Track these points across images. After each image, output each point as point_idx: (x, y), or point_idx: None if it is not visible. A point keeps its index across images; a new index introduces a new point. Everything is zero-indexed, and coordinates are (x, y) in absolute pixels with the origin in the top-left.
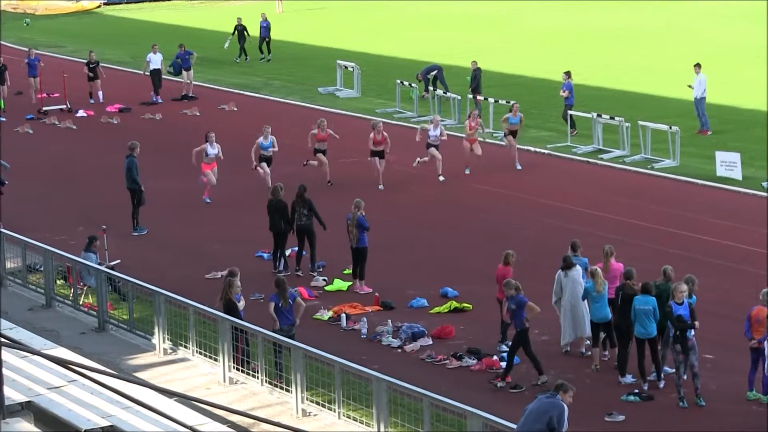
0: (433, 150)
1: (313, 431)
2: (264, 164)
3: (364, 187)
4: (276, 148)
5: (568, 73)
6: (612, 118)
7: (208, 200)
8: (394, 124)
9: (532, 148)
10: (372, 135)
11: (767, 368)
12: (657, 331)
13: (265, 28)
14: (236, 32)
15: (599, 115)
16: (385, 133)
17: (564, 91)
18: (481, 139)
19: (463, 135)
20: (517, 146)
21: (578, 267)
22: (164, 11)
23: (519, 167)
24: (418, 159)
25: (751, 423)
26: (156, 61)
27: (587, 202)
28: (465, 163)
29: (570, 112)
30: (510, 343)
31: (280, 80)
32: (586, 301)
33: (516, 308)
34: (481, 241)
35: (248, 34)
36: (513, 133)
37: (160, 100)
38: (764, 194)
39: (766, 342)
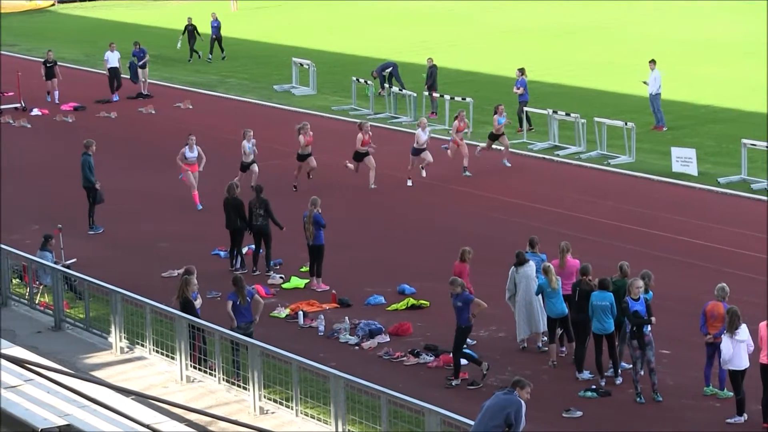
0: (425, 153)
1: (270, 429)
2: (254, 165)
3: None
4: (256, 150)
5: (521, 70)
6: (568, 114)
7: (200, 206)
8: (350, 121)
9: (485, 145)
10: (360, 136)
11: (723, 363)
12: (614, 327)
13: (216, 27)
14: (186, 32)
15: (555, 112)
16: (371, 133)
17: (518, 88)
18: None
19: (449, 137)
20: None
21: (531, 263)
22: (119, 9)
23: (508, 164)
24: (422, 166)
25: (708, 418)
26: (113, 59)
27: (544, 199)
28: (456, 163)
29: (526, 108)
30: (467, 341)
31: (235, 78)
32: (540, 296)
33: (462, 305)
34: (439, 238)
35: (198, 34)
36: (497, 136)
37: (116, 98)
38: (720, 190)
39: (724, 335)
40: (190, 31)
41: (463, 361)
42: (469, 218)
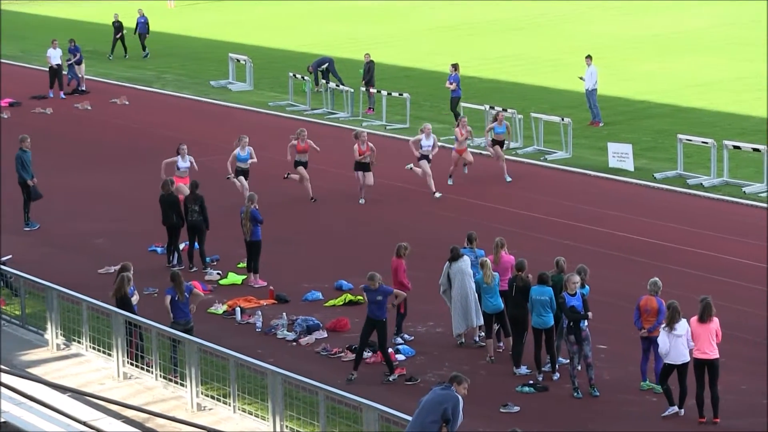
0: (423, 163)
1: (208, 425)
2: (241, 177)
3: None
4: (254, 159)
5: (455, 66)
6: (505, 110)
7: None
8: (286, 117)
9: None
10: (356, 146)
11: (661, 355)
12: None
13: (143, 24)
14: (114, 29)
15: (492, 107)
16: (370, 144)
17: (451, 84)
18: (471, 150)
19: (453, 146)
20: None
21: (466, 258)
22: (55, 5)
23: (509, 179)
24: (411, 165)
25: (646, 412)
26: (55, 56)
27: (481, 195)
28: (450, 171)
29: (463, 104)
30: (405, 336)
31: (172, 74)
32: (474, 289)
33: (383, 299)
34: (379, 234)
35: (125, 31)
36: (500, 144)
37: (60, 95)
38: (656, 185)
39: (662, 329)
40: (117, 27)
41: (400, 357)
42: (407, 213)
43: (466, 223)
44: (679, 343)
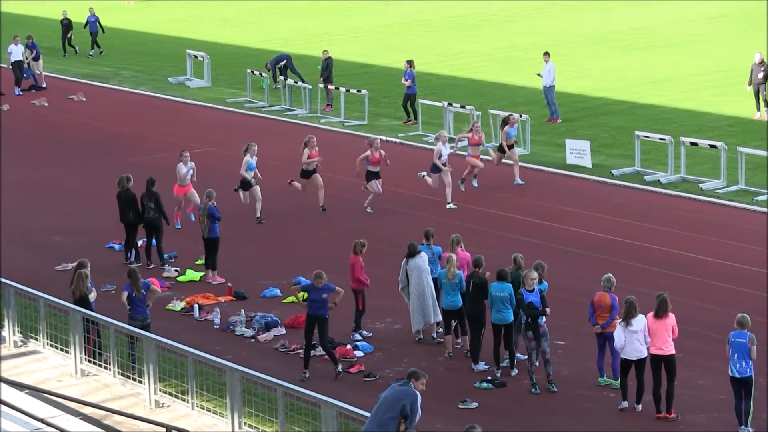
0: (440, 174)
1: (166, 422)
2: (254, 188)
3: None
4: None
5: (410, 62)
6: (463, 106)
7: (179, 225)
8: (244, 113)
9: (384, 137)
10: (369, 153)
11: (611, 353)
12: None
13: (93, 22)
14: (62, 27)
15: (450, 104)
16: (382, 152)
17: (406, 80)
18: (484, 156)
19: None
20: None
21: (424, 254)
22: (9, 2)
23: (520, 182)
24: (423, 174)
25: (603, 408)
26: (17, 52)
27: (438, 191)
28: (463, 176)
29: (422, 101)
30: (363, 333)
31: (129, 70)
32: (433, 287)
33: (327, 296)
34: (338, 232)
35: (72, 28)
36: (509, 147)
37: (16, 91)
38: (613, 181)
39: (618, 324)
40: (66, 25)
41: (359, 354)
42: (374, 214)
43: (423, 220)
44: (635, 338)
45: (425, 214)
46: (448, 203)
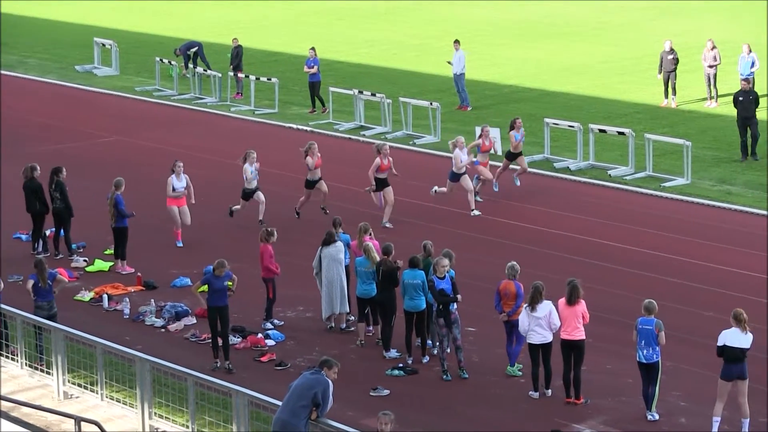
0: (463, 179)
1: (75, 414)
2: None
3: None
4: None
5: (314, 49)
6: (373, 94)
7: (180, 243)
8: (153, 102)
9: (294, 126)
10: (378, 160)
11: (516, 340)
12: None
13: None
14: None
15: (360, 92)
16: (391, 158)
17: (311, 67)
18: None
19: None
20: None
21: (339, 244)
22: None
23: (517, 182)
24: (435, 188)
25: (514, 394)
26: None
27: (348, 179)
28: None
29: (332, 89)
30: (274, 321)
31: (35, 58)
32: (345, 278)
33: (226, 286)
34: (250, 220)
35: None
36: (516, 155)
37: None
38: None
39: (524, 309)
40: None
41: (270, 343)
42: (278, 199)
43: (333, 208)
44: (539, 324)
45: (339, 203)
46: (472, 210)
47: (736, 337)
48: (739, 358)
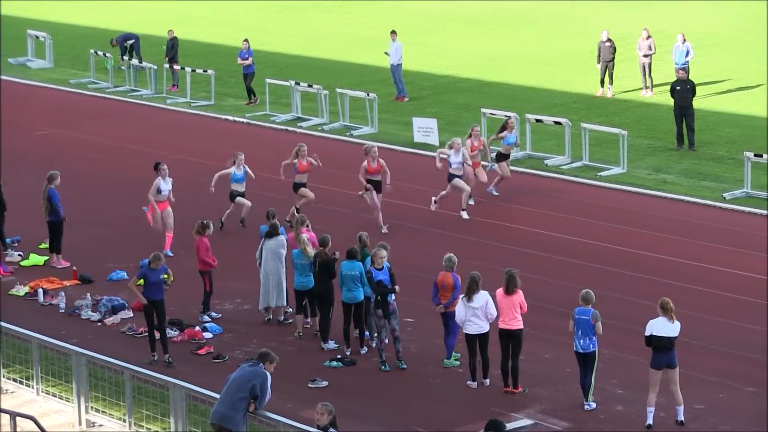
0: (457, 181)
1: (10, 409)
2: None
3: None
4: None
5: (247, 41)
6: (310, 86)
7: (170, 253)
8: (88, 94)
9: (231, 118)
10: (366, 163)
11: (451, 331)
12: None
13: None
14: None
15: (297, 83)
16: (381, 160)
17: (246, 59)
18: (485, 163)
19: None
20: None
21: (281, 238)
22: None
23: (494, 192)
24: (434, 199)
25: (452, 384)
26: None
27: (271, 170)
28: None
29: (269, 80)
30: (212, 314)
31: None
32: (282, 272)
33: (162, 279)
34: (189, 214)
35: None
36: (506, 157)
37: None
38: None
39: (460, 298)
40: None
41: (208, 335)
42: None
43: (268, 200)
44: (475, 314)
45: (268, 194)
46: (463, 209)
47: (663, 326)
48: (667, 347)
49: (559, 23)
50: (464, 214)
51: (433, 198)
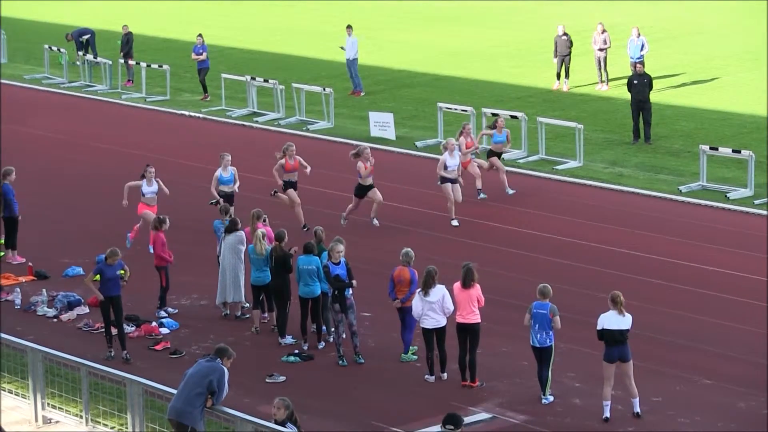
0: (447, 186)
1: None
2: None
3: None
4: (237, 183)
5: (201, 36)
6: (266, 80)
7: (129, 244)
8: (43, 90)
9: (186, 113)
10: (360, 164)
11: (408, 326)
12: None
13: None
14: None
15: (253, 78)
16: (372, 159)
17: (201, 54)
18: (477, 161)
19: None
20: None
21: (240, 233)
22: None
23: (510, 191)
24: (454, 220)
25: (410, 378)
26: None
27: (243, 166)
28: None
29: (224, 75)
30: (168, 309)
31: None
32: (240, 268)
33: (118, 275)
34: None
35: None
36: (498, 154)
37: None
38: (417, 153)
39: (417, 293)
40: None
41: (164, 331)
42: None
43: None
44: (433, 308)
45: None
46: (453, 219)
47: (614, 320)
48: (619, 340)
49: (515, 17)
50: (454, 222)
51: (453, 221)
